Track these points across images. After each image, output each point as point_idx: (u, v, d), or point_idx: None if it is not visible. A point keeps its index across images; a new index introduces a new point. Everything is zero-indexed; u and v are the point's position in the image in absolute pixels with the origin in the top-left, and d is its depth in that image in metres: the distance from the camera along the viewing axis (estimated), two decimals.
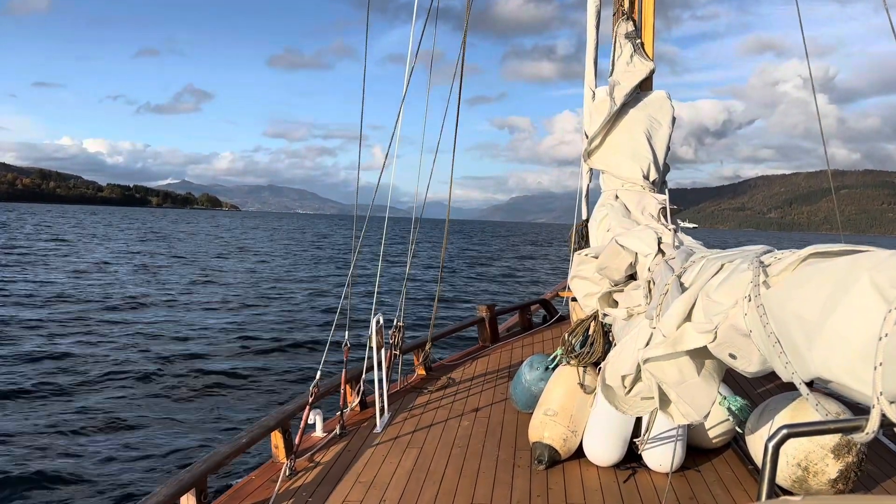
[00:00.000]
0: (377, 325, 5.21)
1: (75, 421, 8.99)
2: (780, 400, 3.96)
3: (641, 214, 4.85)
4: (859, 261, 1.66)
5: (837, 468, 3.60)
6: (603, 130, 5.54)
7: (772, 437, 1.36)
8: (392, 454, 4.54)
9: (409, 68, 5.69)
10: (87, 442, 8.27)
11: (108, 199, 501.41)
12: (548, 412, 4.46)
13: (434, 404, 5.61)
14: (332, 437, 4.84)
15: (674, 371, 2.61)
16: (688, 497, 3.89)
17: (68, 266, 29.95)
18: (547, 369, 5.07)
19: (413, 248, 6.56)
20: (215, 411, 9.68)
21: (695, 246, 3.64)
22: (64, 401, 9.83)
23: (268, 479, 4.16)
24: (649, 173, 5.23)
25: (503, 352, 7.43)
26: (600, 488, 4.02)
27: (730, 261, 2.50)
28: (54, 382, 10.74)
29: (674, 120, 5.64)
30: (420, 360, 6.55)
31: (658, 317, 2.76)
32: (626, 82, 5.61)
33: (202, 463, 3.71)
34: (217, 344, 14.47)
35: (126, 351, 13.28)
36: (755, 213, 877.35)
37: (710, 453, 4.51)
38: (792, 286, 1.89)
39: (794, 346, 1.80)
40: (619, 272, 4.02)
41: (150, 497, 3.32)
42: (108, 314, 17.59)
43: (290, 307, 20.42)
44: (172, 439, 8.45)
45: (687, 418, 2.68)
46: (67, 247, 42.77)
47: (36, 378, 10.94)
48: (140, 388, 10.69)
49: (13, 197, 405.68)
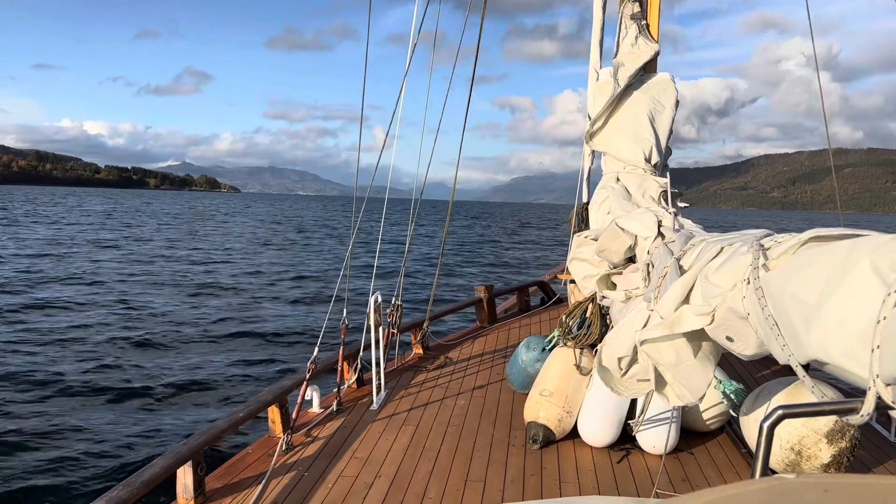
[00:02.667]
0: (375, 303, 5.22)
1: (72, 393, 9.04)
2: (775, 385, 3.98)
3: (642, 197, 4.84)
4: (859, 244, 1.66)
5: (830, 453, 3.63)
6: (606, 112, 5.50)
7: (767, 417, 1.37)
8: (388, 431, 4.57)
9: (412, 47, 5.65)
10: (85, 416, 8.32)
11: (105, 181, 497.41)
12: (543, 393, 4.48)
13: (431, 383, 5.64)
14: (329, 413, 4.87)
15: (670, 353, 2.62)
16: (681, 479, 3.93)
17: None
18: (543, 350, 5.08)
19: (412, 227, 6.56)
20: (211, 391, 9.71)
21: (695, 229, 3.63)
22: (56, 373, 9.88)
23: (264, 454, 4.19)
24: (651, 156, 5.21)
25: (500, 332, 7.45)
26: (594, 468, 4.05)
27: (729, 244, 2.49)
28: (48, 356, 10.79)
29: (677, 103, 5.60)
30: (418, 339, 6.57)
31: (656, 299, 2.76)
32: (630, 64, 5.56)
33: (199, 436, 3.73)
34: (216, 322, 14.51)
35: (119, 330, 13.32)
36: (758, 192, 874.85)
37: (704, 436, 4.54)
38: (791, 269, 1.89)
39: (792, 329, 1.80)
40: (619, 255, 4.01)
41: (148, 468, 3.34)
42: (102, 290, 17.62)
43: (287, 288, 20.46)
44: (168, 415, 8.50)
45: (682, 400, 2.69)
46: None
47: (38, 356, 10.99)
48: (126, 371, 10.73)
49: (8, 179, 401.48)
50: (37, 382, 9.42)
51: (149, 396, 9.12)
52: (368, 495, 3.62)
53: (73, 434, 7.65)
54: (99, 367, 10.31)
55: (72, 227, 43.18)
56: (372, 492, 3.67)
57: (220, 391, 9.57)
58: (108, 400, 8.87)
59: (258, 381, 10.06)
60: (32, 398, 8.78)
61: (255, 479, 3.84)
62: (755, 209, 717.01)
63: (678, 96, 5.62)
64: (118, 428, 7.91)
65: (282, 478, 3.86)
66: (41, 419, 8.05)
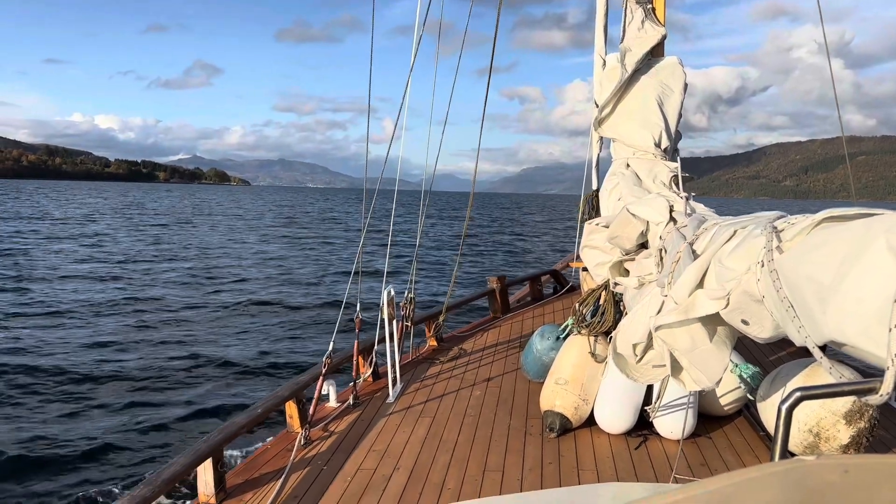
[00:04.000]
0: (388, 296, 5.24)
1: (91, 394, 9.14)
2: (792, 367, 3.96)
3: (653, 183, 4.81)
4: (875, 223, 1.65)
5: (849, 434, 3.61)
6: (614, 98, 5.47)
7: (785, 400, 1.36)
8: (405, 423, 4.59)
9: (417, 37, 5.63)
10: (104, 415, 8.42)
11: (115, 175, 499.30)
12: (559, 381, 4.49)
13: (446, 374, 5.66)
14: (346, 407, 4.90)
15: (686, 338, 2.61)
16: (699, 463, 3.92)
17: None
18: (558, 339, 5.08)
19: (423, 220, 6.57)
20: (229, 386, 9.79)
21: (707, 213, 3.61)
22: (74, 374, 9.99)
23: (283, 449, 4.22)
24: (661, 141, 5.17)
25: (514, 322, 7.45)
26: (611, 455, 4.05)
27: (742, 227, 2.48)
28: (64, 358, 10.91)
29: (686, 86, 5.55)
30: (432, 331, 6.58)
31: (670, 284, 2.75)
32: (637, 49, 5.52)
33: (218, 433, 3.76)
34: (231, 316, 14.62)
35: (136, 329, 13.44)
36: (770, 181, 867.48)
37: (722, 420, 4.53)
38: (806, 250, 1.87)
39: (808, 311, 1.79)
40: (631, 241, 3.99)
41: (169, 466, 3.38)
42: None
43: (300, 279, 20.54)
44: (188, 413, 8.57)
45: (699, 385, 2.69)
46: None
47: (55, 355, 11.11)
48: (146, 371, 10.83)
49: (18, 174, 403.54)
50: (62, 379, 9.54)
51: (166, 392, 9.21)
52: (387, 487, 3.65)
53: (94, 432, 7.75)
54: (118, 366, 10.42)
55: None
56: (391, 484, 3.69)
57: (237, 386, 9.65)
58: (129, 398, 8.97)
59: (275, 378, 10.14)
60: (57, 396, 8.89)
61: (274, 474, 3.88)
62: (767, 198, 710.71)
63: (686, 80, 5.58)
64: (137, 427, 8.00)
65: (301, 472, 3.90)
66: (64, 417, 8.16)
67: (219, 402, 8.99)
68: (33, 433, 7.67)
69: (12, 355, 10.88)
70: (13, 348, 11.35)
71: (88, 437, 7.65)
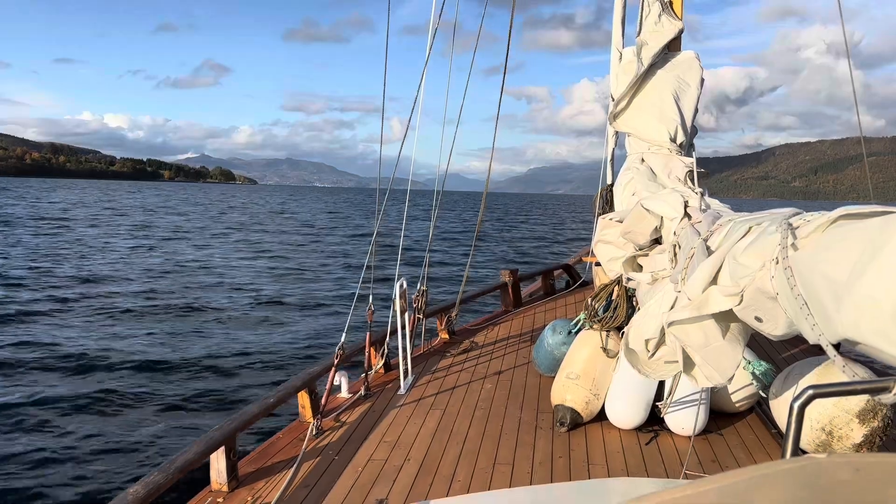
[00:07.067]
0: (401, 289, 5.25)
1: (104, 385, 9.25)
2: (805, 364, 3.93)
3: (668, 178, 4.78)
4: (892, 221, 1.63)
5: (862, 433, 3.58)
6: (630, 92, 5.43)
7: (797, 398, 1.36)
8: (416, 415, 4.61)
9: (431, 34, 5.62)
10: (118, 405, 8.51)
11: (119, 174, 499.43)
12: (570, 375, 4.49)
13: (457, 367, 5.67)
14: (357, 398, 4.93)
15: (698, 334, 2.61)
16: (710, 460, 3.91)
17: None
18: (570, 333, 5.08)
19: (436, 216, 6.57)
20: (242, 377, 9.87)
21: (722, 209, 3.58)
22: (86, 366, 10.10)
23: (295, 438, 4.26)
24: (676, 136, 5.14)
25: (526, 316, 7.45)
26: (622, 450, 4.05)
27: (758, 223, 2.46)
28: (72, 349, 11.04)
29: (702, 81, 5.51)
30: (443, 324, 6.60)
31: (683, 280, 2.74)
32: (653, 42, 5.48)
33: (231, 421, 3.80)
34: (245, 310, 14.72)
35: (146, 325, 13.57)
36: (779, 181, 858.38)
37: (734, 417, 4.51)
38: (821, 248, 1.86)
39: (822, 308, 1.78)
40: (644, 236, 3.98)
41: (182, 454, 3.42)
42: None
43: (316, 274, 20.64)
44: (201, 404, 8.66)
45: (711, 381, 2.68)
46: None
47: (63, 345, 11.25)
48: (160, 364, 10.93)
49: (22, 172, 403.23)
50: (73, 369, 9.67)
51: (181, 384, 9.30)
52: (398, 478, 3.67)
53: (109, 420, 7.85)
54: (132, 358, 10.53)
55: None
56: (401, 475, 3.71)
57: (250, 377, 9.73)
58: (142, 389, 9.07)
59: (287, 369, 10.21)
60: (69, 384, 9.01)
61: (286, 463, 3.91)
62: (776, 199, 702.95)
63: (703, 74, 5.53)
64: (151, 416, 8.09)
65: (313, 462, 3.93)
66: (78, 406, 8.26)
67: (232, 392, 9.07)
68: (48, 424, 7.77)
69: (30, 346, 11.03)
70: (43, 336, 11.50)
71: (101, 428, 7.74)
